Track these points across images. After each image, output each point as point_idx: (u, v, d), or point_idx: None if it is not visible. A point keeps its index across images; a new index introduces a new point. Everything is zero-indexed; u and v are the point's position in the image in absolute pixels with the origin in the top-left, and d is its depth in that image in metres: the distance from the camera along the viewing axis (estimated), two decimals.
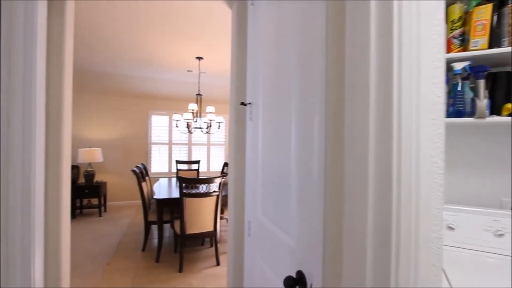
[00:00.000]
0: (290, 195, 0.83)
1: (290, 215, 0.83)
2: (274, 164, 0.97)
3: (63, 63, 1.20)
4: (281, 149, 0.90)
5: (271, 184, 0.99)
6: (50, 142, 1.17)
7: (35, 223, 1.08)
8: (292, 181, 0.81)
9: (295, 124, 0.80)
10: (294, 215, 0.80)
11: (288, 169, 0.84)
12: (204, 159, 5.86)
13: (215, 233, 2.64)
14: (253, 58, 1.25)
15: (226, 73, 4.36)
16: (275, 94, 0.96)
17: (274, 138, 0.97)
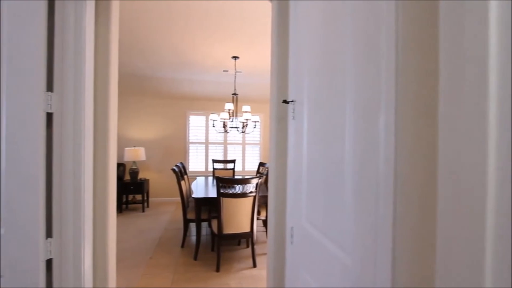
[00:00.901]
0: (343, 203, 0.73)
1: (344, 226, 0.73)
2: (322, 167, 0.87)
3: (108, 65, 1.24)
4: (332, 150, 0.79)
5: (319, 189, 0.89)
6: (98, 142, 1.20)
7: (84, 218, 1.12)
8: (347, 187, 0.71)
9: (351, 122, 0.69)
10: (349, 226, 0.69)
11: (341, 173, 0.74)
12: (239, 158, 5.89)
13: (251, 234, 2.60)
14: (296, 54, 1.15)
15: (262, 71, 4.30)
16: (325, 90, 0.86)
17: (322, 139, 0.87)
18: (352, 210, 0.68)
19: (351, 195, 0.69)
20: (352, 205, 0.68)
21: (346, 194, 0.72)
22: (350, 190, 0.69)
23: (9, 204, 0.95)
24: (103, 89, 1.23)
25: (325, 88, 0.86)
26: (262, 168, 4.19)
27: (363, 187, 0.63)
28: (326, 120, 0.85)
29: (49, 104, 1.02)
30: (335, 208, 0.78)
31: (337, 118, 0.77)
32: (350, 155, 0.69)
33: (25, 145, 0.95)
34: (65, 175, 1.06)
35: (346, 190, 0.71)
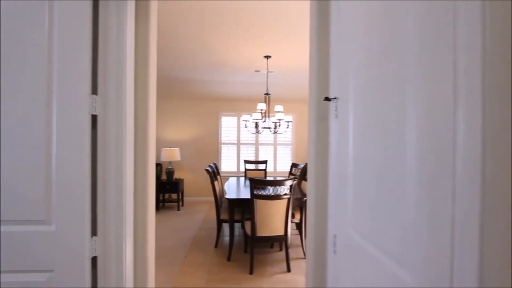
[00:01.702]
0: (401, 211, 0.63)
1: (402, 237, 0.63)
2: (373, 170, 0.77)
3: (148, 66, 1.25)
4: (387, 151, 0.70)
5: (369, 194, 0.80)
6: (138, 143, 1.23)
7: (126, 217, 1.14)
8: (408, 193, 0.61)
9: (414, 121, 0.59)
10: (410, 238, 0.60)
11: (399, 177, 0.64)
12: (270, 159, 5.83)
13: (286, 238, 2.52)
14: (339, 51, 1.07)
15: (294, 70, 4.20)
16: (376, 87, 0.76)
17: (374, 138, 0.77)
18: (414, 220, 0.58)
19: (414, 203, 0.59)
20: (415, 214, 0.58)
21: (406, 201, 0.62)
22: (413, 197, 0.59)
23: (59, 203, 0.99)
24: (143, 91, 1.25)
25: (376, 85, 0.76)
26: (295, 169, 4.09)
27: (433, 194, 0.53)
28: (378, 119, 0.75)
29: (94, 106, 1.05)
30: (391, 216, 0.68)
31: (394, 116, 0.67)
32: (413, 156, 0.60)
33: (73, 146, 0.99)
34: (108, 175, 1.09)
35: (407, 196, 0.61)
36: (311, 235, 1.29)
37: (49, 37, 0.98)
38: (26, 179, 0.98)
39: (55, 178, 0.99)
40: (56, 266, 1.00)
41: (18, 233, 0.98)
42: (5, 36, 0.96)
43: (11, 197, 0.98)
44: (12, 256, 0.98)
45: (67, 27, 0.99)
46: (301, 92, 5.35)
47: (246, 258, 2.85)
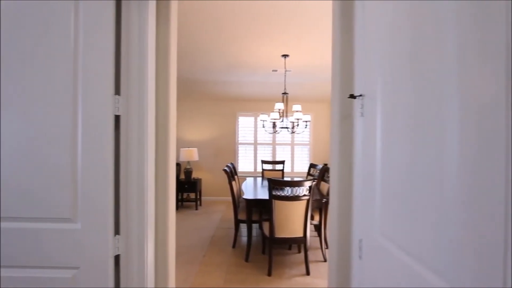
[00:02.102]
0: (440, 215, 0.57)
1: (439, 244, 0.58)
2: (405, 171, 0.72)
3: (168, 67, 1.26)
4: (423, 151, 0.64)
5: (400, 197, 0.74)
6: (159, 143, 1.24)
7: (147, 216, 1.15)
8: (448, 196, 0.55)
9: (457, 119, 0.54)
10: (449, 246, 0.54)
11: (438, 180, 0.59)
12: (287, 159, 5.77)
13: (305, 240, 2.47)
14: (364, 46, 1.01)
15: (313, 69, 4.12)
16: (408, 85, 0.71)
17: (407, 138, 0.72)
18: (455, 226, 0.53)
19: (454, 207, 0.54)
20: (456, 219, 0.53)
21: (446, 205, 0.56)
22: (455, 201, 0.54)
23: (84, 202, 1.01)
24: (164, 92, 1.25)
25: (409, 82, 0.71)
26: (313, 169, 4.01)
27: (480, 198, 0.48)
28: (411, 117, 0.70)
29: (117, 107, 1.07)
30: (426, 221, 0.63)
31: (431, 115, 0.62)
32: (455, 157, 0.54)
33: (97, 147, 1.01)
34: (130, 175, 1.10)
35: (447, 200, 0.56)
36: (333, 238, 1.24)
37: (75, 38, 1.01)
38: (54, 178, 1.01)
39: (80, 177, 1.01)
40: (81, 263, 1.02)
41: (46, 231, 1.02)
42: (33, 38, 1.00)
43: (41, 195, 1.01)
44: (41, 253, 1.02)
45: (92, 27, 1.01)
46: (319, 91, 5.24)
47: (264, 259, 2.82)
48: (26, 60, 1.01)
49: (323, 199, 2.82)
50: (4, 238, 1.02)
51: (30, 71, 1.00)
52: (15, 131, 1.01)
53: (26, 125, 1.01)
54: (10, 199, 1.02)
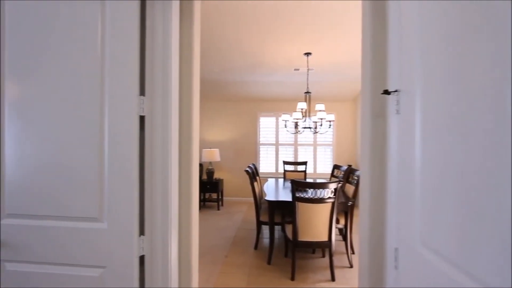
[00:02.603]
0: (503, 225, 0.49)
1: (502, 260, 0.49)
2: (455, 175, 0.63)
3: (191, 68, 1.25)
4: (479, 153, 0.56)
5: (447, 203, 0.66)
6: (182, 144, 1.23)
7: (171, 217, 1.14)
8: None
9: None
10: None
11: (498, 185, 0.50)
12: (309, 160, 5.64)
13: (330, 244, 2.37)
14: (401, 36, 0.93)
15: (337, 67, 3.98)
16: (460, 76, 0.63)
17: (456, 138, 0.63)
18: None
19: None
20: None
21: None
22: None
23: (110, 201, 1.02)
24: (187, 92, 1.24)
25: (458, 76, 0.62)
26: (337, 171, 3.87)
27: None
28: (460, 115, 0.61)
29: (142, 107, 1.07)
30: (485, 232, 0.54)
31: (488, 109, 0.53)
32: None
33: (123, 147, 1.02)
34: (154, 175, 1.10)
35: None
36: (364, 246, 1.15)
37: (102, 38, 1.02)
38: (83, 178, 1.03)
39: (107, 177, 1.02)
40: (108, 263, 1.03)
41: (76, 229, 1.04)
42: (62, 39, 1.03)
43: (70, 194, 1.04)
44: (71, 251, 1.04)
45: (117, 27, 1.02)
46: (342, 89, 5.07)
47: (287, 262, 2.75)
48: (55, 62, 1.04)
49: (349, 202, 2.70)
50: (38, 235, 1.05)
51: (58, 72, 1.03)
52: (47, 133, 1.04)
53: (57, 126, 1.04)
54: (43, 198, 1.05)
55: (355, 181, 3.03)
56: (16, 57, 1.06)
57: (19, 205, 1.07)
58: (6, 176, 1.08)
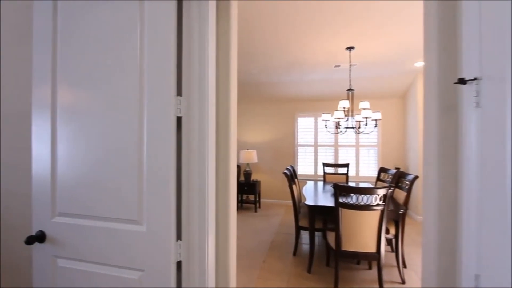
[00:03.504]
0: None
1: None
2: None
3: (229, 68, 1.19)
4: None
5: None
6: (220, 146, 1.17)
7: (208, 221, 1.09)
8: None
9: None
10: None
11: None
12: (351, 162, 5.29)
13: (378, 257, 2.14)
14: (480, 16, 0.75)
15: (382, 59, 3.66)
16: None
17: None
18: None
19: None
20: None
21: None
22: None
23: (149, 204, 1.01)
24: (224, 92, 1.19)
25: None
26: (384, 174, 3.54)
27: None
28: None
29: (179, 108, 1.04)
30: None
31: None
32: None
33: (160, 148, 0.99)
34: (191, 178, 1.06)
35: None
36: (431, 268, 0.97)
37: (141, 38, 1.01)
38: (124, 180, 1.03)
39: (145, 180, 1.01)
40: (146, 267, 1.01)
41: (117, 231, 1.04)
42: (106, 43, 1.04)
43: (113, 195, 1.05)
44: (112, 251, 1.05)
45: (154, 27, 1.00)
46: (390, 85, 4.66)
47: (328, 272, 2.57)
48: (99, 67, 1.06)
49: (400, 209, 2.42)
50: (84, 234, 1.08)
51: (101, 76, 1.05)
52: (91, 136, 1.07)
53: (101, 129, 1.06)
54: (89, 198, 1.08)
55: (406, 186, 2.71)
56: (66, 64, 1.11)
57: (68, 204, 1.12)
58: (58, 177, 1.14)
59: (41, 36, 1.15)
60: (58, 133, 1.13)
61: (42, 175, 1.16)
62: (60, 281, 1.14)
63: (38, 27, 1.16)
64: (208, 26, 1.06)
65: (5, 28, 1.43)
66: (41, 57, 1.15)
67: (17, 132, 1.41)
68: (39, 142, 1.16)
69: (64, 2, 1.12)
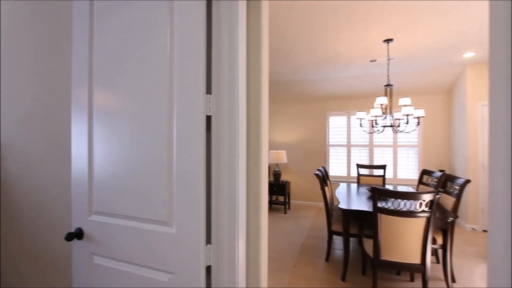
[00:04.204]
0: None
1: None
2: None
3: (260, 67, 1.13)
4: None
5: None
6: (250, 146, 1.12)
7: (239, 224, 1.04)
8: None
9: None
10: None
11: None
12: (388, 163, 4.95)
13: (423, 269, 1.93)
14: None
15: (425, 50, 3.35)
16: None
17: None
18: None
19: None
20: None
21: None
22: None
23: (179, 206, 0.98)
24: (255, 90, 1.13)
25: None
26: (427, 177, 3.23)
27: None
28: None
29: (208, 107, 1.00)
30: None
31: None
32: None
33: (189, 149, 0.96)
34: (221, 180, 1.02)
35: None
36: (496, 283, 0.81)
37: (170, 34, 0.99)
38: (155, 180, 1.02)
39: (175, 181, 0.99)
40: (176, 270, 0.99)
41: (148, 231, 1.04)
42: (137, 43, 1.04)
43: (144, 195, 1.04)
44: (143, 252, 1.04)
45: (184, 23, 0.97)
46: (433, 79, 4.27)
47: (364, 281, 2.39)
48: (131, 68, 1.06)
49: (448, 217, 2.17)
50: (117, 233, 1.09)
51: (133, 77, 1.05)
52: (124, 136, 1.07)
53: (132, 129, 1.06)
54: (121, 197, 1.09)
55: (455, 191, 2.43)
56: (101, 67, 1.14)
57: (102, 203, 1.14)
58: (94, 177, 1.17)
59: (79, 37, 1.19)
60: (94, 134, 1.16)
61: (80, 174, 1.19)
62: (95, 278, 1.16)
63: (77, 29, 1.20)
64: (238, 21, 1.01)
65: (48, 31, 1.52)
66: (79, 57, 1.19)
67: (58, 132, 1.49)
68: (77, 143, 1.20)
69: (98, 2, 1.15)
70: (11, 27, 1.64)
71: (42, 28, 1.53)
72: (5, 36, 1.66)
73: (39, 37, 1.54)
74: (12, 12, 1.65)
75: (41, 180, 1.55)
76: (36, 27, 1.55)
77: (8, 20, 1.66)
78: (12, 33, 1.64)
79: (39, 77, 1.54)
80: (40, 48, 1.54)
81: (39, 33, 1.54)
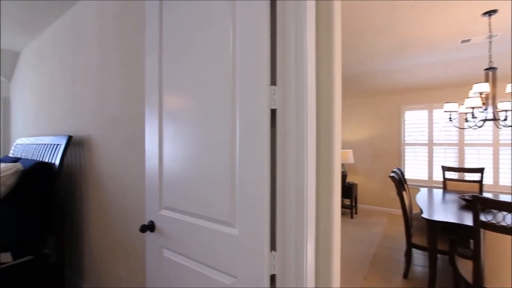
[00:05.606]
0: None
1: None
2: None
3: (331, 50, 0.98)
4: None
5: None
6: (320, 144, 0.98)
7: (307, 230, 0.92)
8: None
9: None
10: None
11: None
12: (486, 165, 4.05)
13: None
14: None
15: None
16: None
17: None
18: None
19: None
20: None
21: None
22: None
23: (241, 206, 0.92)
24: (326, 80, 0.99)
25: None
26: None
27: None
28: None
29: (273, 99, 0.91)
30: None
31: None
32: None
33: (253, 146, 0.89)
34: (287, 180, 0.92)
35: None
36: None
37: (233, 28, 0.94)
38: (218, 179, 0.99)
39: (238, 180, 0.93)
40: (238, 274, 0.93)
41: (212, 231, 1.01)
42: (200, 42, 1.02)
43: (208, 194, 1.02)
44: (206, 250, 1.02)
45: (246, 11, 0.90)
46: None
47: None
48: (195, 68, 1.05)
49: None
50: (183, 229, 1.10)
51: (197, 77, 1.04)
52: (190, 136, 1.07)
53: (197, 128, 1.05)
54: (187, 194, 1.09)
55: None
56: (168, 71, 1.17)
57: (170, 199, 1.17)
58: (164, 173, 1.21)
59: (151, 42, 1.25)
60: (164, 133, 1.20)
61: (153, 170, 1.26)
62: (165, 270, 1.21)
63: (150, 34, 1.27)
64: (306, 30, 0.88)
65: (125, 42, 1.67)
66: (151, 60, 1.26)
67: (137, 130, 1.62)
68: (150, 141, 1.27)
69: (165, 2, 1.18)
70: (102, 40, 1.89)
71: (124, 41, 1.70)
72: (101, 48, 1.92)
73: (122, 49, 1.72)
74: (103, 28, 1.89)
75: (122, 173, 1.73)
76: (120, 40, 1.73)
77: (99, 34, 1.92)
78: (103, 46, 1.88)
79: (123, 81, 1.71)
80: (123, 57, 1.71)
81: (122, 46, 1.72)
